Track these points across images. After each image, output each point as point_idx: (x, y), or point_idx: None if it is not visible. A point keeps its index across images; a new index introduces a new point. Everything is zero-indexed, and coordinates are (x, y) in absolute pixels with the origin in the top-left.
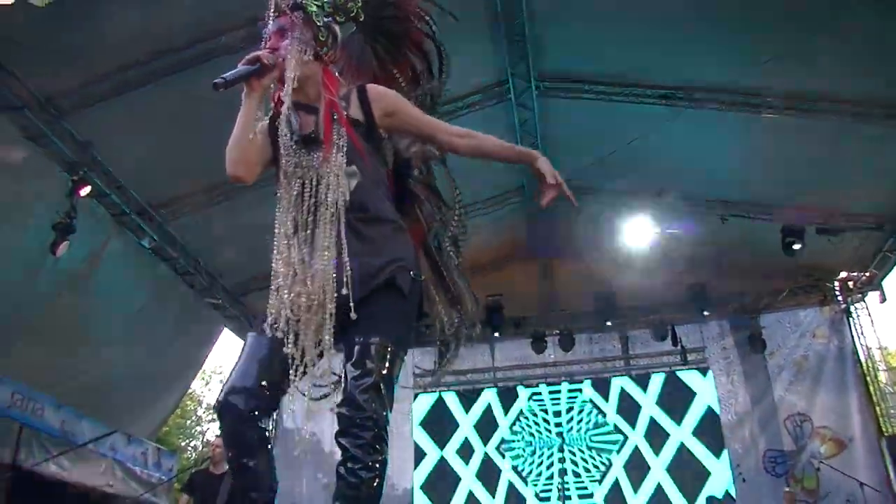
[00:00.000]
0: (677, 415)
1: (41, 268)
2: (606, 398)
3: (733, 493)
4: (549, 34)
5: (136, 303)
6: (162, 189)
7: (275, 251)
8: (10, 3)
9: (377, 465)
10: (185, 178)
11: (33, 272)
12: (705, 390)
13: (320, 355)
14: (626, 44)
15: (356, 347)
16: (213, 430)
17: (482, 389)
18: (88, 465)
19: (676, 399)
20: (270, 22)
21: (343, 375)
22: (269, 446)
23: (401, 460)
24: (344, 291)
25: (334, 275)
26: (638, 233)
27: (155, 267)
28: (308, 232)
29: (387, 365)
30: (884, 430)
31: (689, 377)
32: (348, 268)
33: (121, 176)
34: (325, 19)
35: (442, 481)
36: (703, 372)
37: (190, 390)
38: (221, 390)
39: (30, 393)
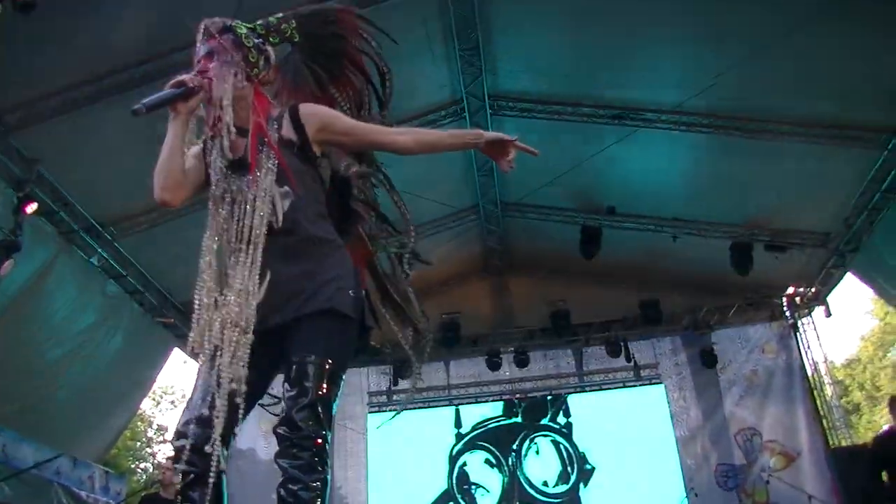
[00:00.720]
0: (630, 430)
1: None
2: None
3: None
4: (503, 53)
5: (84, 322)
6: (111, 206)
7: (197, 278)
8: None
9: (317, 485)
10: (135, 196)
11: None
12: (657, 406)
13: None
14: (578, 64)
15: (293, 367)
16: (163, 452)
17: (438, 408)
18: (32, 490)
19: (630, 415)
20: (200, 45)
21: (282, 396)
22: (223, 477)
23: (355, 480)
24: (267, 312)
25: (257, 296)
26: (590, 250)
27: (104, 285)
28: (236, 256)
29: (324, 384)
30: (830, 442)
31: (642, 393)
32: (274, 284)
33: (69, 193)
34: (256, 40)
35: (399, 499)
36: (656, 387)
37: (140, 411)
38: (179, 420)
39: None
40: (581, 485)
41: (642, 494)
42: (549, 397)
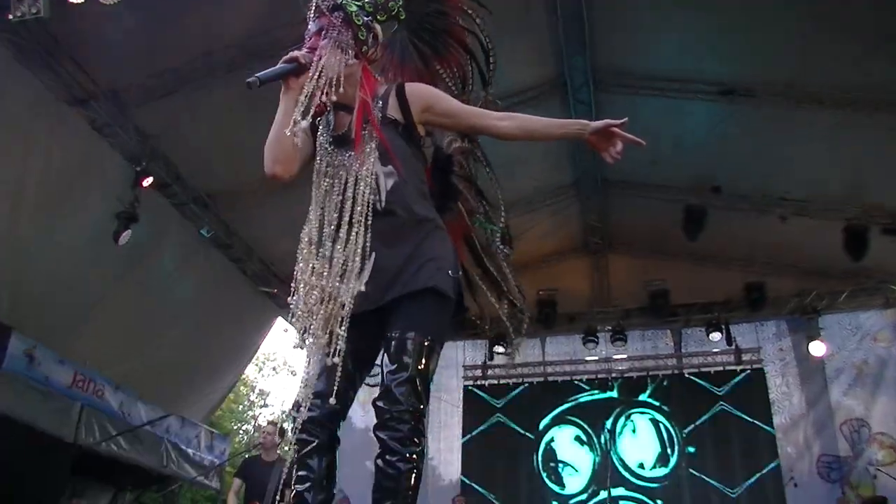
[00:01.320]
0: (728, 415)
1: (104, 255)
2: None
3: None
4: (607, 27)
5: (194, 290)
6: (220, 180)
7: (298, 250)
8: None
9: (415, 457)
10: (242, 169)
11: (97, 259)
12: (757, 391)
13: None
14: (683, 39)
15: (393, 343)
16: (264, 416)
17: (530, 384)
18: (144, 445)
19: (728, 399)
20: (311, 23)
21: (381, 370)
22: (337, 449)
23: (447, 451)
24: (363, 289)
25: (360, 277)
26: (693, 230)
27: (212, 256)
28: (333, 229)
29: (423, 360)
30: None
31: (742, 377)
32: (378, 267)
33: (181, 167)
34: (365, 18)
35: (489, 470)
36: (758, 372)
37: (243, 376)
38: (298, 392)
39: (91, 374)
40: (681, 469)
41: (738, 481)
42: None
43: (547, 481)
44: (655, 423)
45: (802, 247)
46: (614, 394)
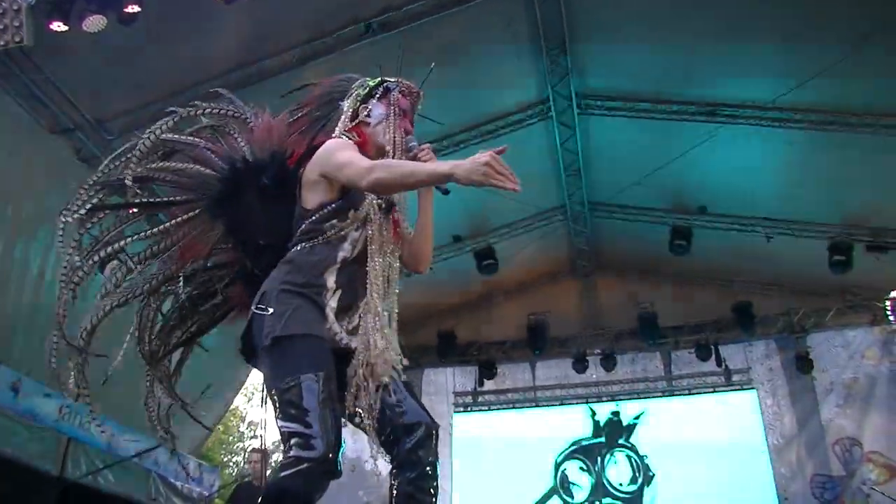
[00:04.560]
0: (720, 436)
1: (93, 285)
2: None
3: None
4: (589, 52)
5: None
6: None
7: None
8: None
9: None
10: None
11: (85, 289)
12: (749, 412)
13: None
14: (668, 61)
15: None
16: (254, 446)
17: (523, 409)
18: (132, 478)
19: (720, 421)
20: (408, 103)
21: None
22: None
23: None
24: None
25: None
26: (680, 250)
27: None
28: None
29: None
30: None
31: (733, 398)
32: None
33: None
34: None
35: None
36: (749, 393)
37: (233, 407)
38: (325, 444)
39: (76, 407)
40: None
41: (732, 502)
42: (633, 420)
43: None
44: (629, 457)
45: (789, 265)
46: (603, 439)
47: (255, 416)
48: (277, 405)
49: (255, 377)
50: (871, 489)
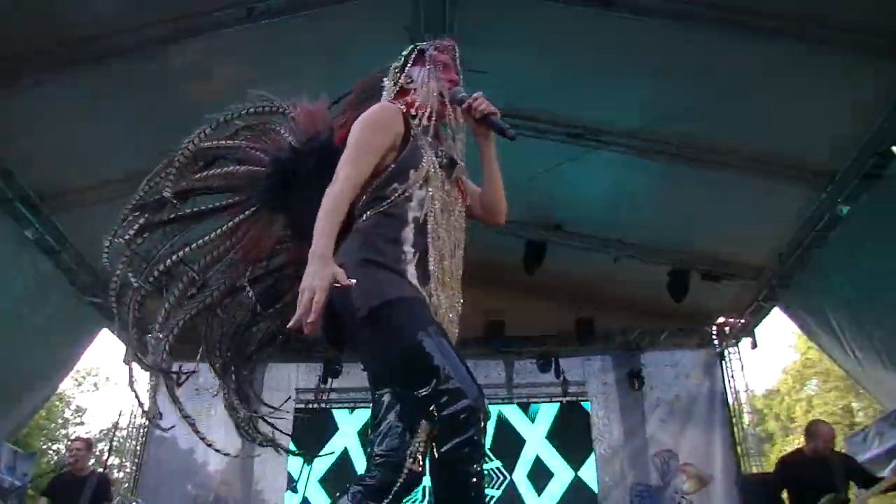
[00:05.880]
0: (553, 445)
1: None
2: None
3: None
4: (467, 63)
5: (11, 295)
6: (51, 179)
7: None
8: None
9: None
10: (78, 171)
11: None
12: (582, 422)
13: None
14: (541, 80)
15: None
16: (79, 433)
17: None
18: None
19: (554, 430)
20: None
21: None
22: None
23: (273, 476)
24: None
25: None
26: (533, 264)
27: (36, 260)
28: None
29: None
30: (743, 468)
31: (568, 408)
32: None
33: (8, 162)
34: None
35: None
36: (582, 404)
37: (59, 391)
38: (472, 390)
39: None
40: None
41: None
42: None
43: None
44: None
45: (632, 287)
46: None
47: (82, 402)
48: (404, 375)
49: (86, 360)
50: (682, 498)
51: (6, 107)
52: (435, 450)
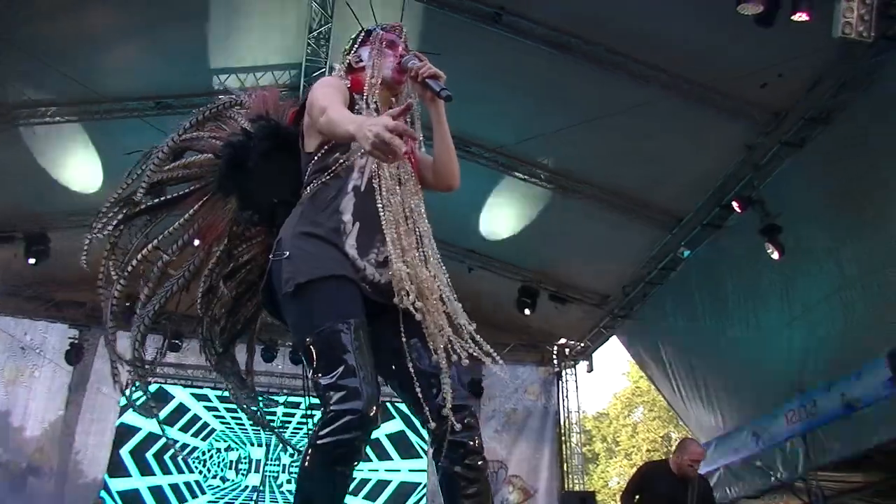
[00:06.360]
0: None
1: None
2: None
3: None
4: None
5: None
6: None
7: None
8: None
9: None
10: None
11: None
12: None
13: None
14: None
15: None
16: None
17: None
18: None
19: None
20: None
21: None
22: None
23: (96, 448)
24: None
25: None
26: None
27: None
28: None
29: None
30: (567, 485)
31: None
32: None
33: None
34: None
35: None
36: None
37: None
38: (365, 396)
39: None
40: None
41: None
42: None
43: None
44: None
45: (484, 298)
46: None
47: None
48: (308, 357)
49: None
50: None
51: None
52: (315, 430)
